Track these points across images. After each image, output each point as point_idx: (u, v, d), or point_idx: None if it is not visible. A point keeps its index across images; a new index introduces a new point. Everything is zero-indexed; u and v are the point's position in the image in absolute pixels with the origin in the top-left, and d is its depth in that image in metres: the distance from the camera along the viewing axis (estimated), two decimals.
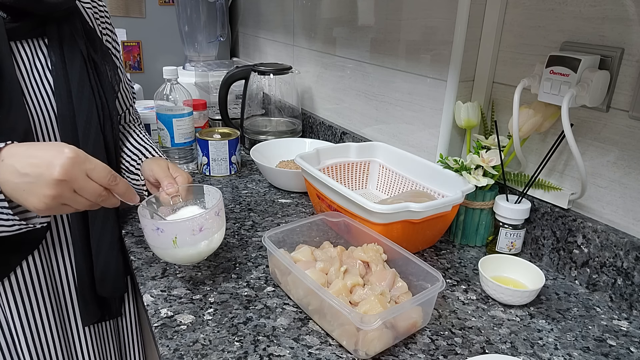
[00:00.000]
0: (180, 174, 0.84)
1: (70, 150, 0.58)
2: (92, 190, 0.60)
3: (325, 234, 0.84)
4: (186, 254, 0.71)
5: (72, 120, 0.77)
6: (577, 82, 0.74)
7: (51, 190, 0.56)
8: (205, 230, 0.71)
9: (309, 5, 1.47)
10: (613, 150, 0.76)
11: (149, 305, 0.72)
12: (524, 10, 0.85)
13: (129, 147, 0.95)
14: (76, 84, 0.77)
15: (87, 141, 0.78)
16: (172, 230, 0.69)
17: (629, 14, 0.71)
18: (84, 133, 0.77)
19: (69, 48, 0.78)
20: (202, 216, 0.70)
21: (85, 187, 0.59)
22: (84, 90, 0.78)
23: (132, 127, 1.02)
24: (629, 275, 0.73)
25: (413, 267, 0.71)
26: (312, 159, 1.02)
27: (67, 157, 0.57)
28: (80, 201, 0.60)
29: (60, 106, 0.76)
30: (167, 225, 0.70)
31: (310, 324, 0.69)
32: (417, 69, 1.06)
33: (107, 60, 0.87)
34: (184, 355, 0.62)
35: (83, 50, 0.79)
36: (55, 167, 0.56)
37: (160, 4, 1.94)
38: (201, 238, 0.71)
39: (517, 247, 0.87)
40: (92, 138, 0.78)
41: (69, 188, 0.58)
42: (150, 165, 0.86)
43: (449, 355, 0.64)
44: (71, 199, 0.59)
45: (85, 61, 0.79)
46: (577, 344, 0.67)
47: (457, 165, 0.90)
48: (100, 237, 0.81)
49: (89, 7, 0.87)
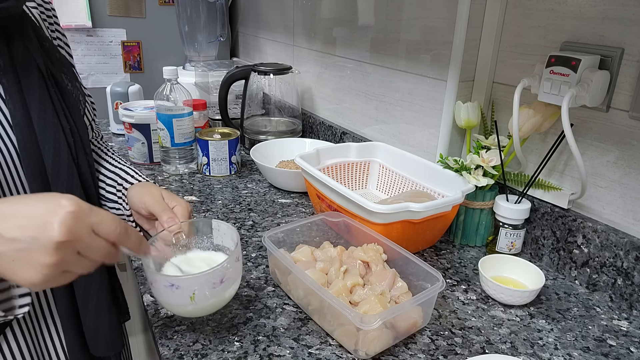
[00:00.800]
0: (178, 203, 0.71)
1: (69, 202, 0.46)
2: (99, 249, 0.48)
3: (325, 234, 0.84)
4: (203, 309, 0.62)
5: (37, 155, 0.61)
6: (577, 82, 0.74)
7: (51, 258, 0.44)
8: (226, 281, 0.61)
9: (309, 5, 1.47)
10: (613, 150, 0.76)
11: (148, 305, 0.72)
12: (524, 10, 0.85)
13: (102, 170, 0.79)
14: (36, 110, 0.61)
15: (59, 177, 0.62)
16: (190, 286, 0.58)
17: (629, 14, 0.71)
18: (53, 168, 0.62)
19: (23, 66, 0.61)
20: (223, 266, 0.60)
21: (92, 246, 0.48)
22: (46, 116, 0.62)
23: (98, 144, 0.84)
24: (629, 275, 0.73)
25: (413, 267, 0.71)
26: (312, 159, 1.02)
27: (66, 212, 0.45)
28: (84, 264, 0.48)
29: (21, 140, 0.59)
30: (185, 281, 0.59)
31: (310, 324, 0.69)
32: (417, 69, 1.06)
33: (66, 71, 0.69)
34: (184, 355, 0.62)
35: (40, 65, 0.63)
36: (53, 225, 0.44)
37: (160, 4, 1.94)
38: (221, 290, 0.61)
39: (517, 247, 0.87)
40: (64, 172, 0.63)
41: (73, 250, 0.46)
42: (142, 196, 0.72)
43: (449, 355, 0.64)
44: (75, 262, 0.47)
45: (45, 79, 0.63)
46: (577, 344, 0.67)
47: (457, 165, 0.90)
48: (86, 288, 0.65)
49: (34, 7, 0.69)
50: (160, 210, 0.69)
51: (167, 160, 1.23)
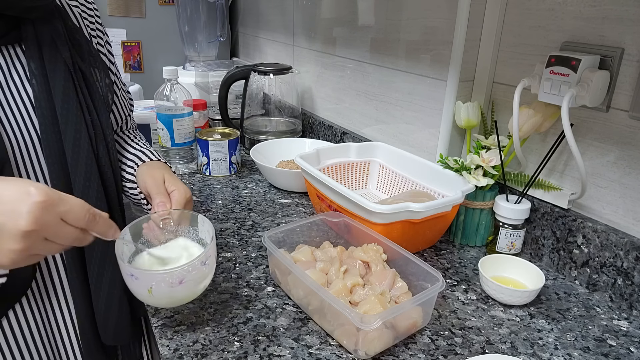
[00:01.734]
0: (177, 188, 0.72)
1: (38, 192, 0.47)
2: (67, 235, 0.50)
3: (325, 234, 0.84)
4: (162, 302, 0.64)
5: (59, 142, 0.64)
6: (577, 82, 0.74)
7: (18, 244, 0.46)
8: (186, 283, 0.61)
9: (309, 5, 1.47)
10: (613, 150, 0.76)
11: (148, 305, 0.72)
12: (524, 10, 0.85)
13: (125, 153, 0.83)
14: (60, 98, 0.64)
15: (77, 166, 0.64)
16: (148, 280, 0.60)
17: (629, 14, 0.71)
18: (72, 157, 0.64)
19: (50, 55, 0.65)
20: (182, 269, 0.60)
21: (59, 233, 0.49)
22: (69, 106, 0.65)
23: (130, 133, 0.90)
24: (629, 275, 0.73)
25: (413, 267, 0.71)
26: (312, 159, 1.02)
27: (34, 202, 0.46)
28: (52, 248, 0.50)
29: (43, 124, 0.63)
30: (142, 274, 0.61)
31: (310, 324, 0.69)
32: (417, 69, 1.06)
33: (98, 66, 0.73)
34: (184, 355, 0.62)
35: (67, 59, 0.66)
36: (21, 215, 0.46)
37: (160, 4, 1.94)
38: (181, 290, 0.61)
39: (517, 247, 0.87)
40: (83, 162, 0.65)
41: (40, 237, 0.48)
42: (144, 176, 0.74)
43: (449, 355, 0.64)
44: (42, 248, 0.49)
45: (70, 71, 0.66)
46: (577, 344, 0.67)
47: (457, 165, 0.90)
48: (98, 276, 0.68)
49: (75, 5, 0.74)
50: (155, 193, 0.71)
51: (167, 160, 1.23)
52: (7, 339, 0.65)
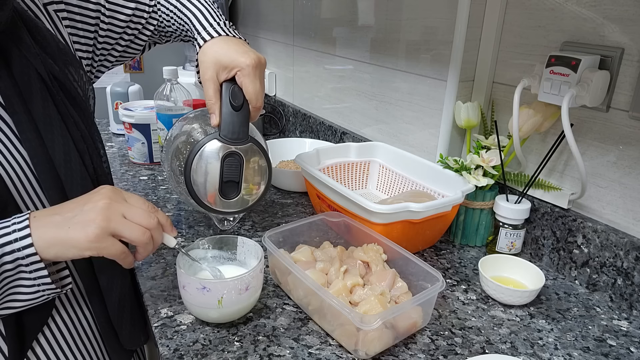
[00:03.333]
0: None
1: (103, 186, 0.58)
2: (137, 213, 0.57)
3: (325, 234, 0.84)
4: (227, 312, 0.66)
5: (51, 167, 0.62)
6: (577, 82, 0.74)
7: (98, 214, 0.54)
8: (250, 289, 0.66)
9: (309, 5, 1.47)
10: (613, 150, 0.76)
11: (149, 305, 0.72)
12: (524, 10, 0.85)
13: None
14: (42, 122, 0.61)
15: (72, 190, 0.63)
16: (220, 290, 0.63)
17: (629, 14, 0.71)
18: (66, 181, 0.63)
19: (21, 73, 0.60)
20: (249, 275, 0.65)
21: (131, 209, 0.57)
22: (53, 129, 0.62)
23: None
24: (629, 275, 0.73)
25: (413, 267, 0.71)
26: (312, 159, 1.02)
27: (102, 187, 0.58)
28: (130, 227, 0.56)
29: (33, 155, 0.60)
30: (215, 284, 0.64)
31: (310, 324, 0.69)
32: (417, 69, 1.06)
33: (71, 62, 0.68)
34: (184, 355, 0.62)
35: (41, 71, 0.61)
36: (99, 192, 0.57)
37: None
38: (246, 297, 0.66)
39: (517, 247, 0.87)
40: (78, 184, 0.64)
41: (117, 211, 0.56)
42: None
43: (449, 355, 0.64)
44: (121, 224, 0.56)
45: (47, 85, 0.62)
46: (577, 344, 0.67)
47: (457, 165, 0.90)
48: (109, 286, 0.69)
49: (48, 3, 0.69)
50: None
51: None
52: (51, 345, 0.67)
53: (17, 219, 0.54)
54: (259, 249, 0.70)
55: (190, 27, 0.78)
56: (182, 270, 0.65)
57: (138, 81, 1.80)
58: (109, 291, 0.69)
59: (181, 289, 0.67)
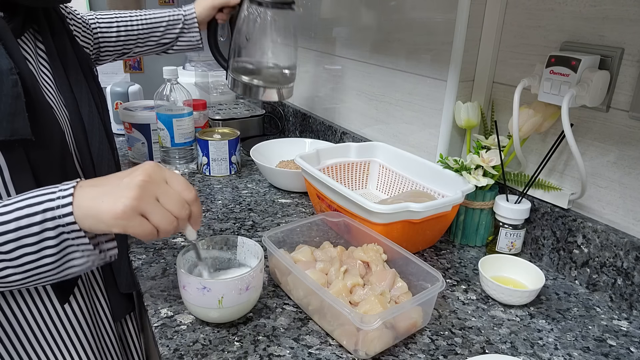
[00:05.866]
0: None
1: (147, 162, 0.57)
2: (172, 196, 0.55)
3: (325, 234, 0.84)
4: (227, 313, 0.66)
5: (79, 115, 0.73)
6: (577, 82, 0.74)
7: (132, 191, 0.53)
8: (250, 289, 0.66)
9: (309, 5, 1.47)
10: (613, 150, 0.76)
11: (149, 305, 0.72)
12: (524, 10, 0.85)
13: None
14: (73, 74, 0.73)
15: (93, 135, 0.74)
16: (220, 290, 0.63)
17: (629, 14, 0.71)
18: (89, 123, 0.73)
19: (58, 37, 0.74)
20: (249, 274, 0.65)
21: (167, 192, 0.55)
22: (82, 89, 0.74)
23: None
24: (629, 275, 0.73)
25: (413, 267, 0.71)
26: (312, 159, 1.02)
27: (146, 163, 0.56)
28: (160, 212, 0.54)
29: (67, 102, 0.72)
30: (215, 284, 0.63)
31: (310, 324, 0.69)
32: (417, 69, 1.06)
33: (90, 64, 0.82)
34: (184, 355, 0.62)
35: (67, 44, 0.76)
36: (137, 169, 0.55)
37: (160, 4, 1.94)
38: (247, 296, 0.66)
39: (517, 247, 0.87)
40: (97, 128, 0.75)
41: (151, 193, 0.54)
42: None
43: (449, 355, 0.64)
44: (152, 205, 0.54)
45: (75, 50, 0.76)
46: (577, 344, 0.67)
47: (457, 165, 0.90)
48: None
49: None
50: None
51: (167, 160, 1.23)
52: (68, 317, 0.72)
53: (64, 186, 0.55)
54: (259, 249, 0.71)
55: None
56: (183, 270, 0.65)
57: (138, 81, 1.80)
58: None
59: (181, 289, 0.67)
